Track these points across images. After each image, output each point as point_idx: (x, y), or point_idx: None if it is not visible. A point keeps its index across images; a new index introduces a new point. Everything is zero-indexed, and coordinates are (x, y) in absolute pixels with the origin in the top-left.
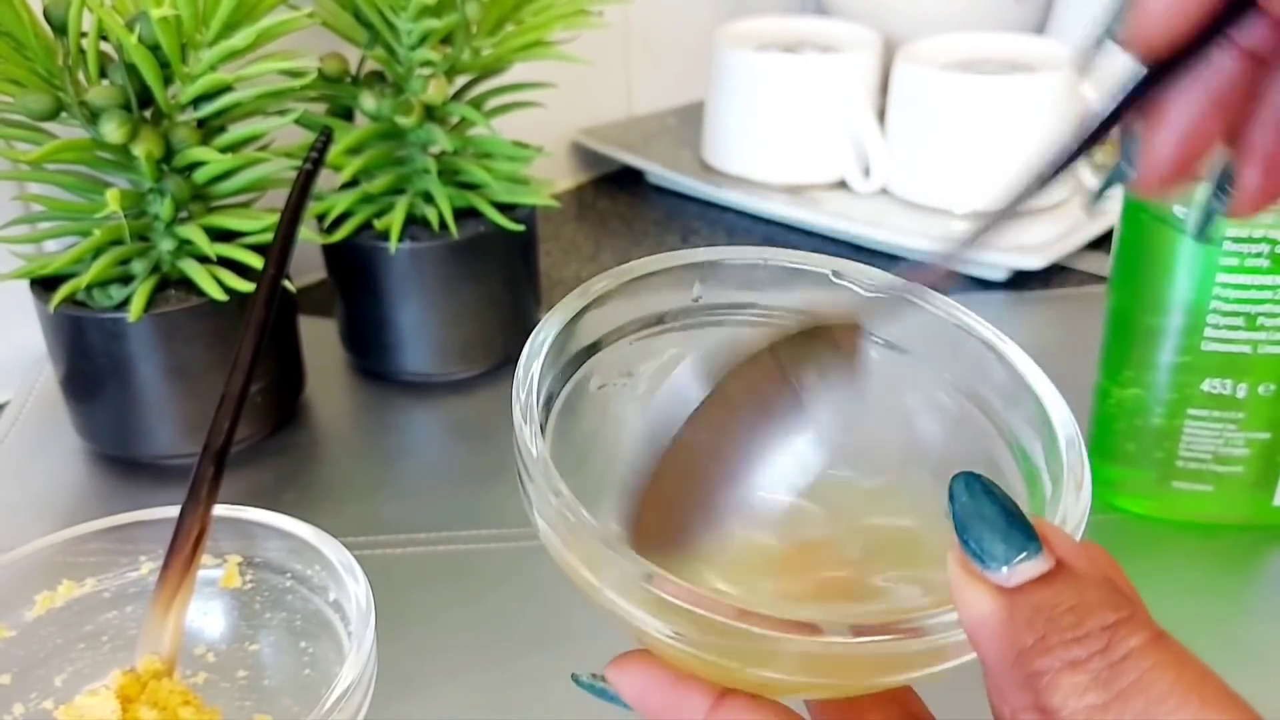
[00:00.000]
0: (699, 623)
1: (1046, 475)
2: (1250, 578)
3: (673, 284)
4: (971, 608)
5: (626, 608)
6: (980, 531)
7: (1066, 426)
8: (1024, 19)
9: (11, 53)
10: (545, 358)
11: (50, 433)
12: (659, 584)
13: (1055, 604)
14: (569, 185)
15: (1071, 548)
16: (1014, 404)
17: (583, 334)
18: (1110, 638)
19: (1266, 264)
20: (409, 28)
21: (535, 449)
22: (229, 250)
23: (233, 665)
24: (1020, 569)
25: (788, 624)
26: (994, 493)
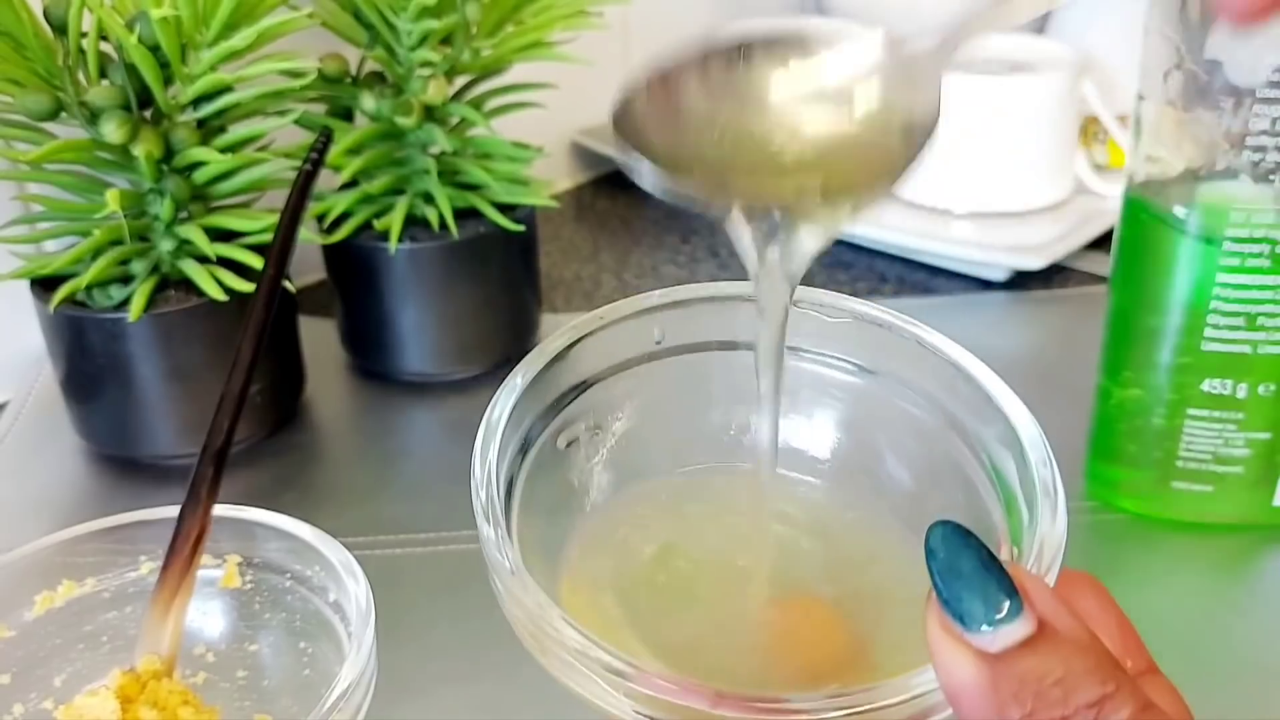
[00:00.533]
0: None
1: (1022, 498)
2: (1250, 578)
3: (633, 328)
4: (953, 674)
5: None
6: (959, 590)
7: (1036, 447)
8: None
9: (11, 53)
10: (504, 432)
11: (50, 432)
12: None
13: (1041, 675)
14: (569, 185)
15: (1052, 605)
16: (986, 423)
17: (546, 393)
18: (1096, 714)
19: (1267, 264)
20: (409, 28)
21: (508, 561)
22: (229, 250)
23: (232, 665)
24: (1003, 633)
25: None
26: (971, 545)
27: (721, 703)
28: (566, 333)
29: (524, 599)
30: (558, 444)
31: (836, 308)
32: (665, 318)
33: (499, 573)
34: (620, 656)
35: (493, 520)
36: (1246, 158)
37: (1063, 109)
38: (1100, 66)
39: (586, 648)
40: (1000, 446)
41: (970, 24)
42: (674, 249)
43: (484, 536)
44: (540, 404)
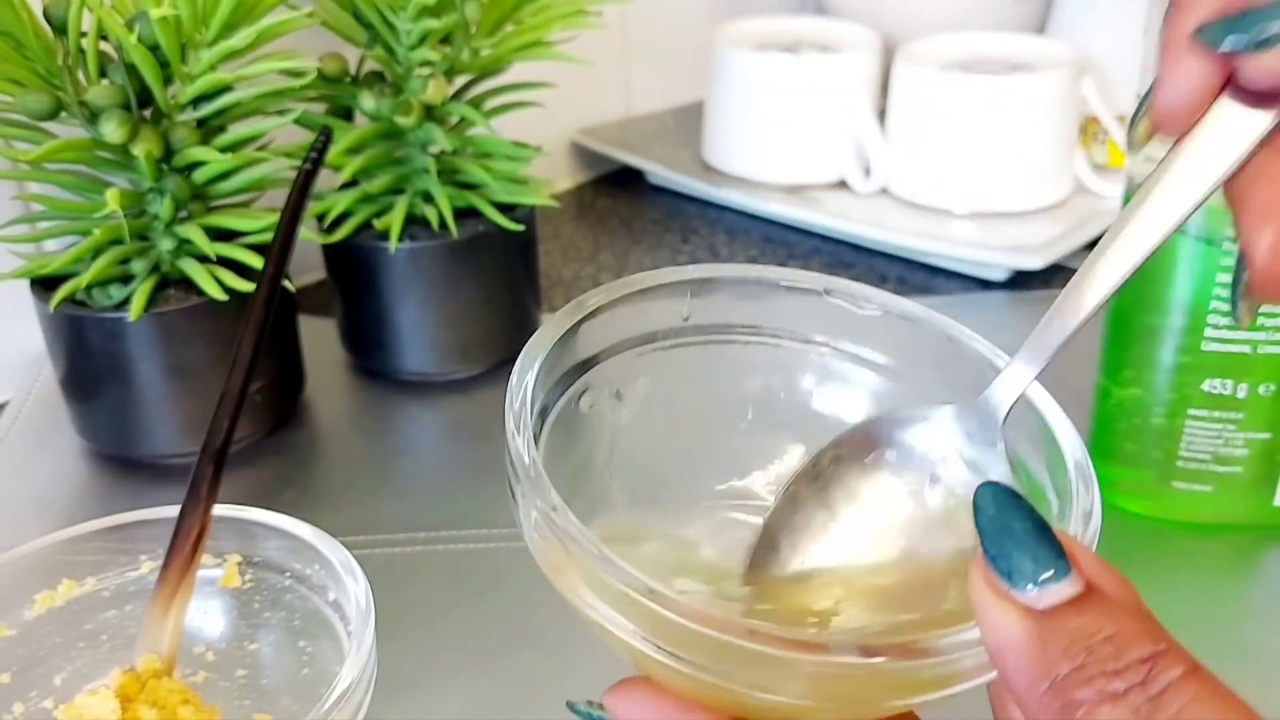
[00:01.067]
0: (702, 642)
1: (1052, 493)
2: (1250, 578)
3: (666, 300)
4: (999, 629)
5: (625, 626)
6: (1008, 547)
7: (1074, 449)
8: (1023, 19)
9: (11, 53)
10: (539, 370)
11: (50, 432)
12: (661, 600)
13: (1093, 632)
14: (568, 185)
15: (1100, 570)
16: (1014, 421)
17: (575, 349)
18: (1149, 670)
19: None
20: (408, 28)
21: (528, 456)
22: (229, 250)
23: (232, 664)
24: (1050, 590)
25: (796, 643)
26: (1022, 506)
27: (754, 637)
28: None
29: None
30: (580, 405)
31: (867, 300)
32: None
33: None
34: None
35: (522, 428)
36: None
37: (1063, 109)
38: (1100, 66)
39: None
40: (1028, 443)
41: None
42: (674, 248)
43: (510, 440)
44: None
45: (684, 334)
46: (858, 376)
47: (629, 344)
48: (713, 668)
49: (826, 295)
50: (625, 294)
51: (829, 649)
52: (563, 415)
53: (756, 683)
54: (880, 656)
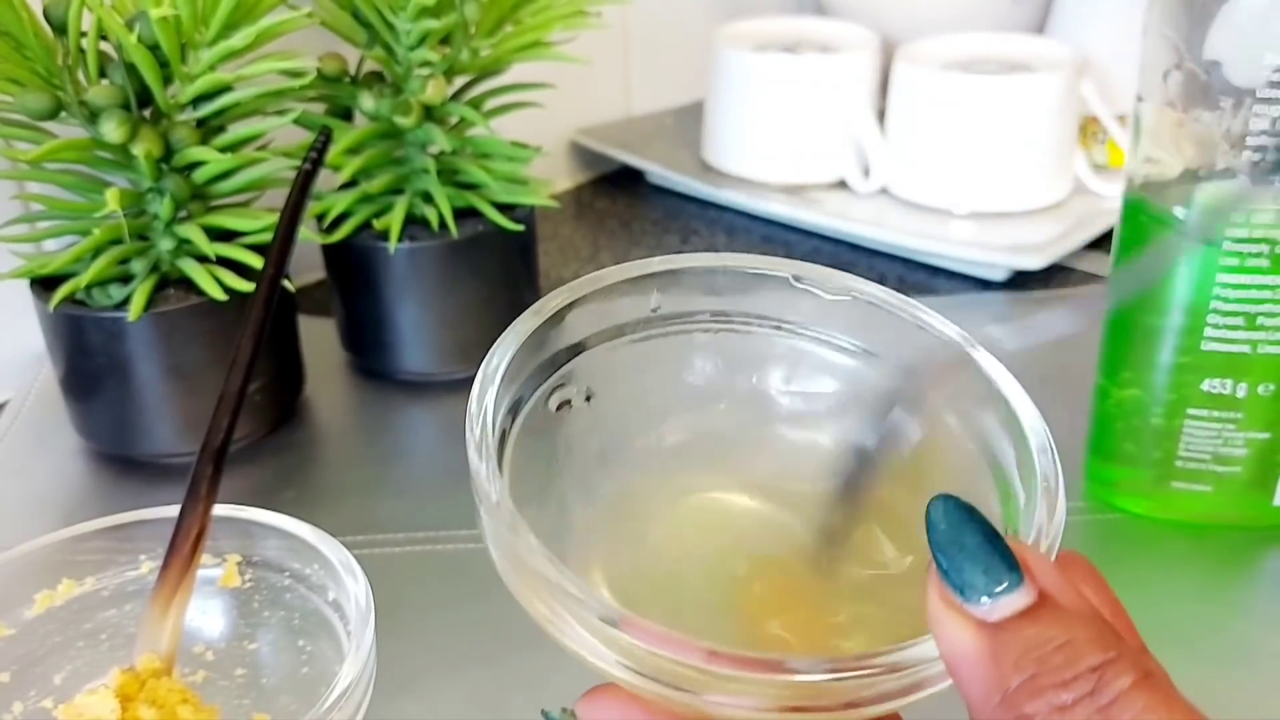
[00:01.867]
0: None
1: (1020, 484)
2: (1249, 578)
3: (631, 295)
4: (953, 643)
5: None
6: (960, 561)
7: (1037, 433)
8: (1023, 19)
9: (11, 52)
10: (500, 383)
11: (49, 432)
12: (627, 628)
13: (1043, 642)
14: (568, 185)
15: (1054, 578)
16: (984, 407)
17: (540, 352)
18: (1098, 680)
19: (1266, 264)
20: (408, 28)
21: (495, 492)
22: (228, 250)
23: (231, 664)
24: (1002, 602)
25: (757, 664)
26: (973, 519)
27: (715, 659)
28: (563, 293)
29: (515, 540)
30: (549, 405)
31: (836, 285)
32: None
33: (488, 509)
34: (611, 605)
35: (485, 456)
36: (1246, 158)
37: (1063, 109)
38: (1100, 66)
39: (577, 593)
40: (999, 430)
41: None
42: (674, 249)
43: (474, 470)
44: (535, 362)
45: (653, 325)
46: (830, 360)
47: (598, 339)
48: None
49: (795, 282)
50: (589, 291)
51: (789, 669)
52: (532, 417)
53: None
54: (842, 673)
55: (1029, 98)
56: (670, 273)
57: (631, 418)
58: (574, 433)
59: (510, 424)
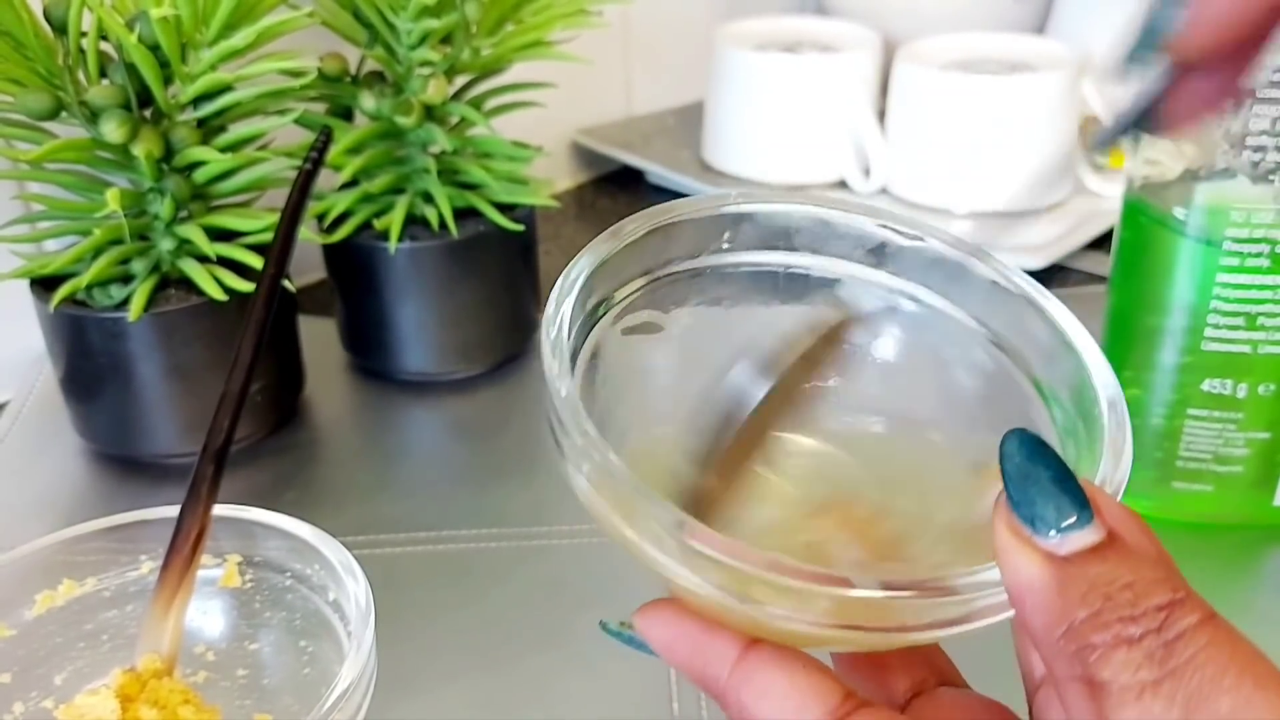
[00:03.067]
0: (728, 572)
1: (1084, 434)
2: (1250, 578)
3: (704, 231)
4: (1020, 573)
5: (655, 554)
6: (1032, 494)
7: (1109, 387)
8: (1024, 19)
9: (11, 53)
10: (576, 297)
11: (50, 432)
12: (690, 532)
13: (1111, 579)
14: (568, 185)
15: (1124, 518)
16: (1053, 361)
17: (613, 276)
18: (1166, 616)
19: (1266, 264)
20: (408, 27)
21: (565, 389)
22: (229, 250)
23: (232, 664)
24: (1072, 538)
25: (818, 576)
26: (1048, 454)
27: (778, 569)
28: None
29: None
30: (617, 329)
31: (909, 231)
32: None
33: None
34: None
35: (559, 356)
36: (1246, 158)
37: (1063, 109)
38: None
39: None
40: (1064, 385)
41: None
42: None
43: (548, 370)
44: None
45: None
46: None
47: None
48: (737, 594)
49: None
50: (665, 222)
51: (850, 584)
52: (599, 344)
53: (779, 610)
54: (902, 591)
55: (1029, 98)
56: (745, 215)
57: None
58: (641, 359)
59: (581, 341)
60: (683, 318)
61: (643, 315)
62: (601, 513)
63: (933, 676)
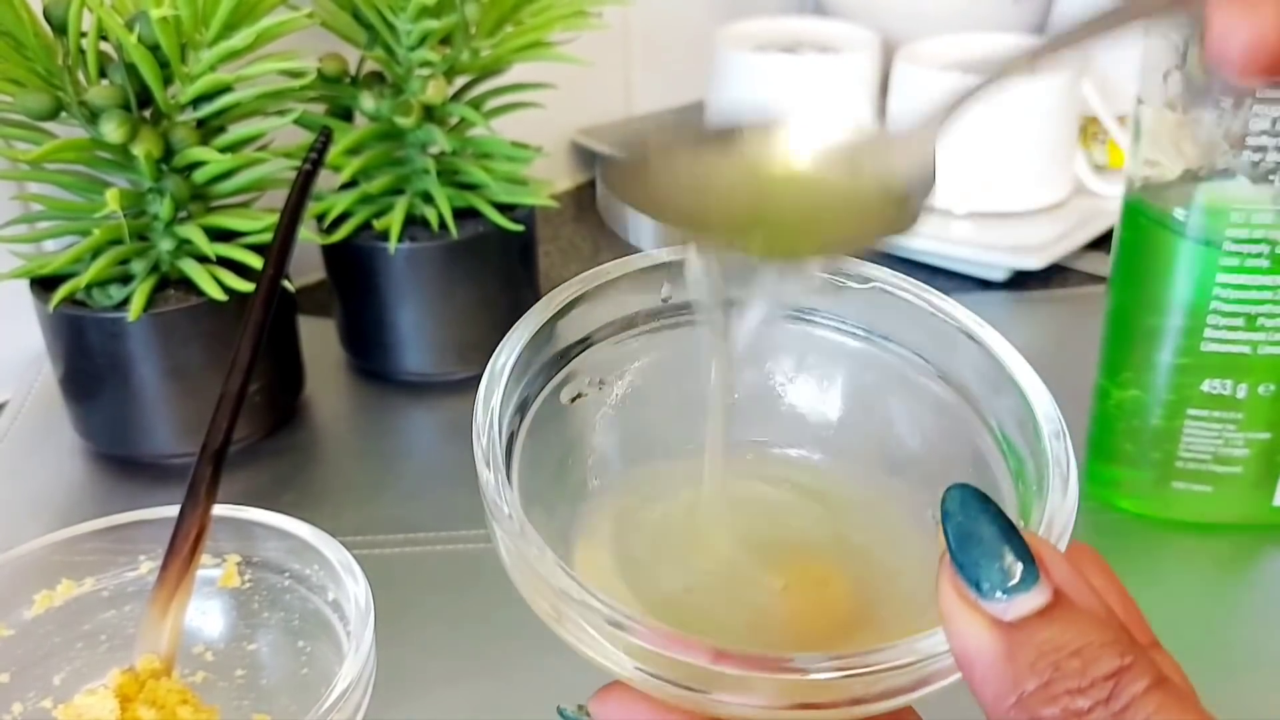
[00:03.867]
0: (674, 665)
1: (1032, 470)
2: (1249, 578)
3: (640, 286)
4: (968, 640)
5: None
6: (975, 555)
7: (1050, 420)
8: (1023, 19)
9: (11, 53)
10: (508, 381)
11: (49, 432)
12: (634, 630)
13: (1059, 645)
14: (568, 186)
15: (1068, 575)
16: (998, 393)
17: (549, 346)
18: (1114, 685)
19: (1266, 264)
20: (408, 28)
21: (504, 502)
22: (228, 250)
23: (231, 664)
24: (1019, 601)
25: (764, 663)
26: (989, 510)
27: (721, 659)
28: (572, 286)
29: (523, 547)
30: (561, 398)
31: (850, 273)
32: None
33: (498, 518)
34: (618, 608)
35: (493, 466)
36: (1246, 158)
37: (1063, 109)
38: (1100, 66)
39: (584, 598)
40: (1011, 418)
41: (955, 100)
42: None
43: (483, 481)
44: (544, 357)
45: (664, 314)
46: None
47: (608, 330)
48: (685, 684)
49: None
50: (597, 284)
51: (795, 668)
52: (543, 410)
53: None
54: (849, 671)
55: (1029, 98)
56: (679, 263)
57: (644, 408)
58: (586, 424)
59: (520, 420)
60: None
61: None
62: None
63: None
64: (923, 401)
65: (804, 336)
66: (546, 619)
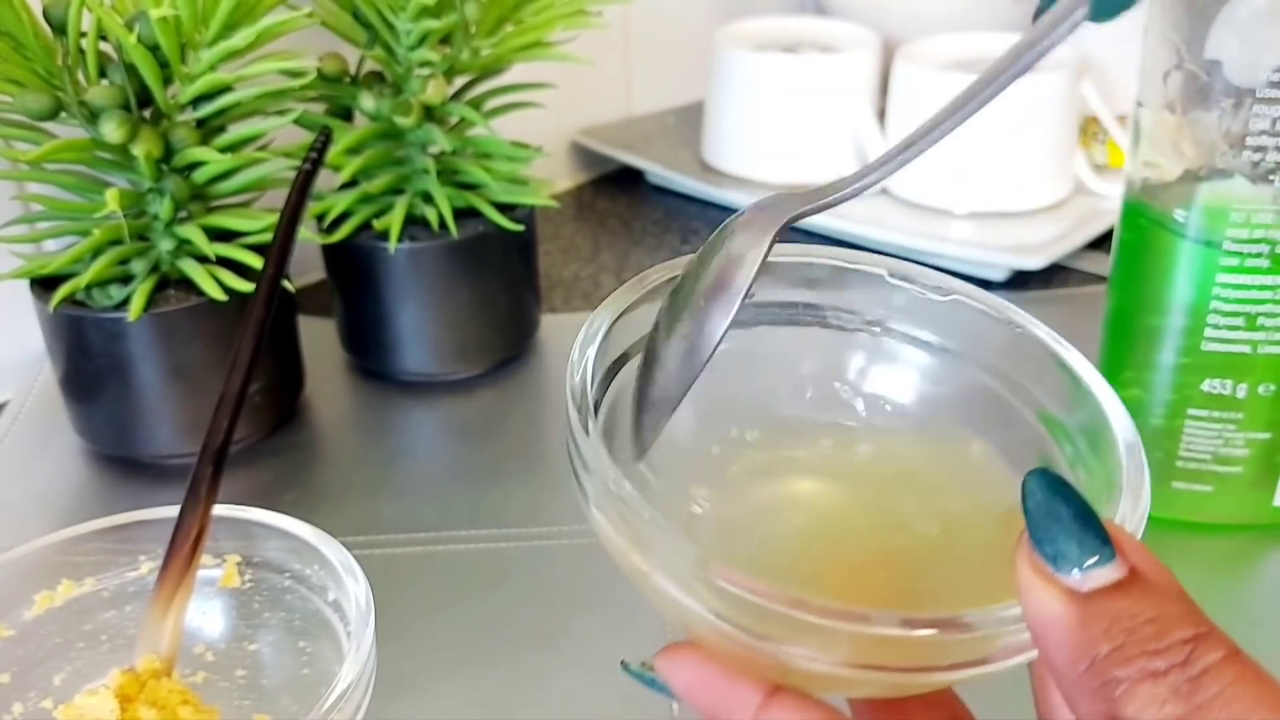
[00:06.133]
0: (750, 609)
1: (1100, 472)
2: (1250, 578)
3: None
4: (1042, 609)
5: (675, 592)
6: (1054, 532)
7: (1126, 431)
8: (1024, 19)
9: (11, 53)
10: (599, 345)
11: (49, 432)
12: (714, 570)
13: (1134, 614)
14: (568, 185)
15: (1145, 556)
16: (1069, 408)
17: (636, 325)
18: (1190, 651)
19: (1266, 264)
20: (408, 28)
21: (588, 432)
22: (228, 250)
23: (232, 664)
24: (1093, 574)
25: (840, 613)
26: (1069, 492)
27: (799, 606)
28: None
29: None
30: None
31: (933, 286)
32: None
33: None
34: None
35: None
36: (1246, 158)
37: (1063, 109)
38: (1100, 66)
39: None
40: (1082, 431)
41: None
42: (674, 249)
43: (571, 420)
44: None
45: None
46: (912, 358)
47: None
48: (758, 632)
49: (890, 278)
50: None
51: (873, 620)
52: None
53: (800, 650)
54: (925, 630)
55: (1029, 98)
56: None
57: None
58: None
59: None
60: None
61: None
62: (620, 550)
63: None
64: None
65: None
66: (623, 558)
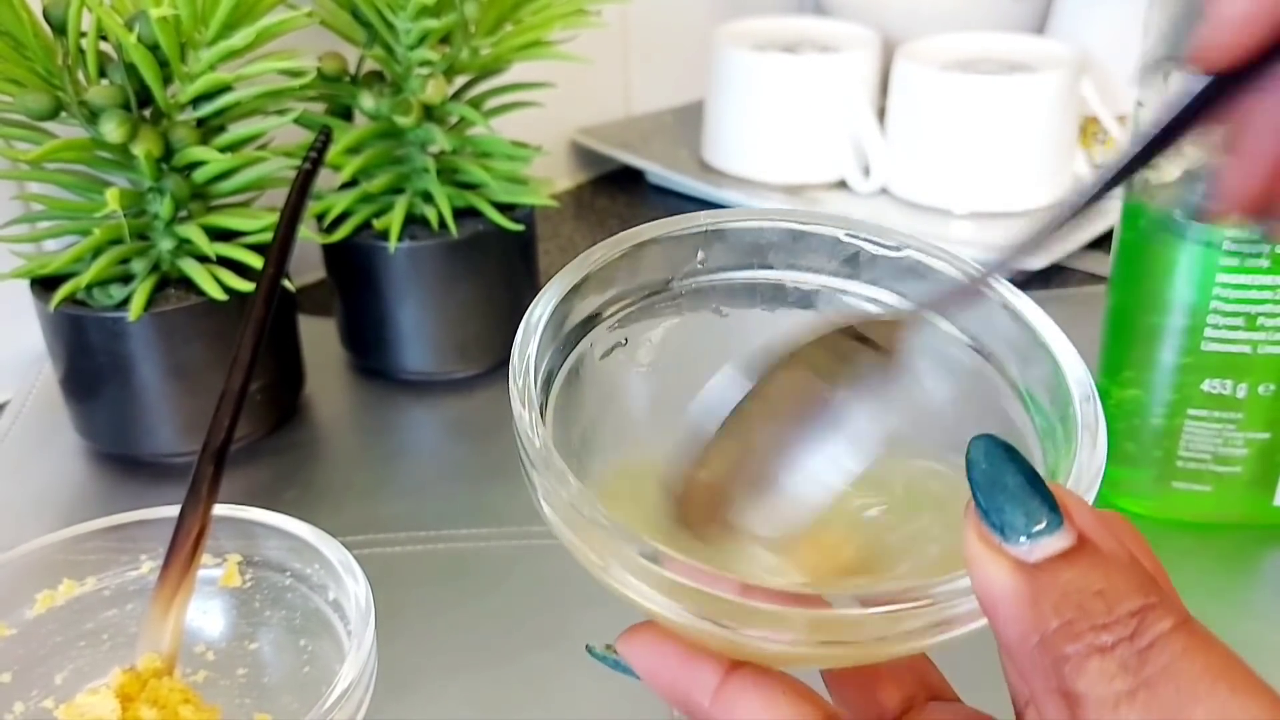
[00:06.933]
0: (703, 599)
1: (1061, 433)
2: (1249, 578)
3: (674, 251)
4: (991, 583)
5: (635, 587)
6: (1000, 501)
7: (1082, 383)
8: (1023, 19)
9: (11, 53)
10: (542, 335)
11: (50, 431)
12: (665, 564)
13: (1083, 586)
14: (568, 185)
15: (1093, 521)
16: (1028, 361)
17: (583, 305)
18: (1139, 623)
19: (1266, 264)
20: (408, 27)
21: (537, 438)
22: (228, 249)
23: (232, 663)
24: (1042, 544)
25: (793, 597)
26: (1014, 459)
27: (749, 593)
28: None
29: (558, 484)
30: (594, 353)
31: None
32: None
33: (531, 452)
34: (650, 543)
35: (528, 404)
36: None
37: (1063, 109)
38: (1100, 66)
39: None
40: (1040, 383)
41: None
42: None
43: (518, 417)
44: (578, 314)
45: (698, 275)
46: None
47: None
48: (713, 619)
49: (847, 237)
50: (631, 245)
51: (821, 602)
52: (574, 371)
53: (756, 633)
54: (875, 607)
55: (1029, 98)
56: (716, 231)
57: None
58: (618, 379)
59: (555, 371)
60: (660, 336)
61: (618, 335)
62: (573, 544)
63: (924, 691)
64: (952, 368)
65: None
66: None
